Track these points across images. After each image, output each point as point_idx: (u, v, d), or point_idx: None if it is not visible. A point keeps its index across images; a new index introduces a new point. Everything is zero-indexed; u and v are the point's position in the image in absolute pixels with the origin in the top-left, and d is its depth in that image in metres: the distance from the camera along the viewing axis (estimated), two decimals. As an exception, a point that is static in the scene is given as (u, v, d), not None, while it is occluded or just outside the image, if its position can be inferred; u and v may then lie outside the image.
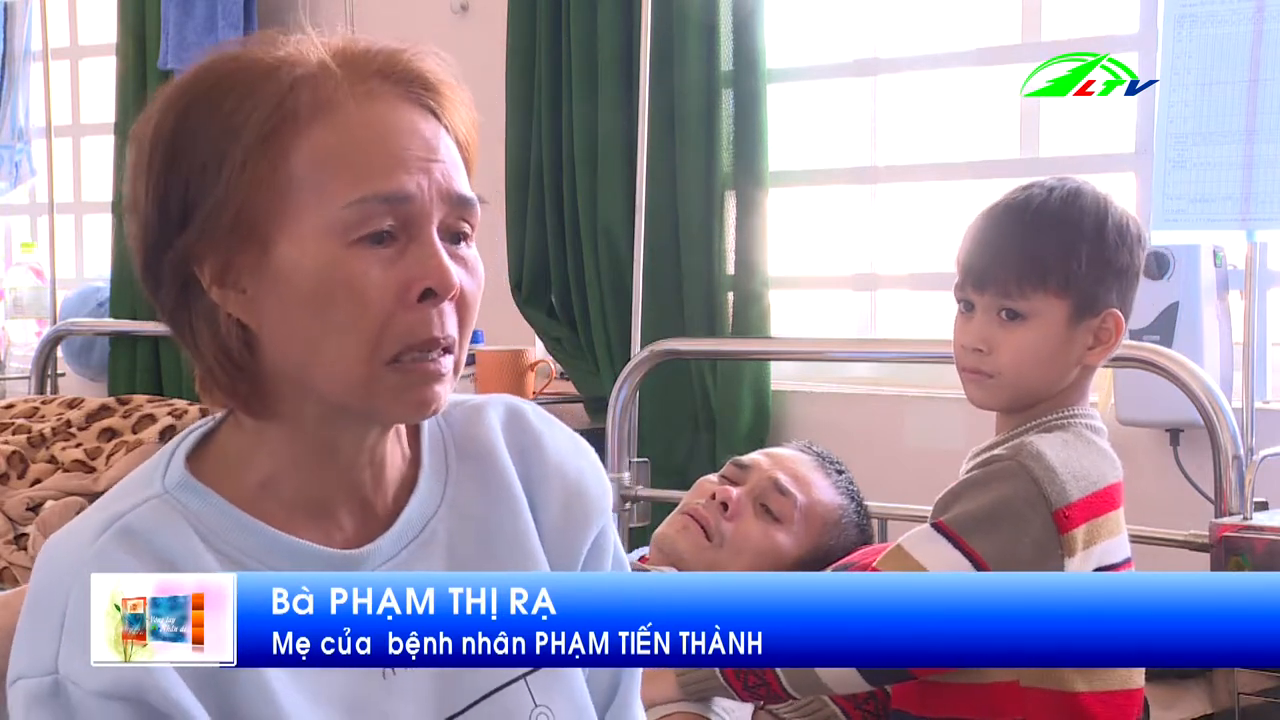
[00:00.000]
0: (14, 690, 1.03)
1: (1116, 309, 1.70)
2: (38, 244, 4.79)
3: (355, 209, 1.03)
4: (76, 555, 1.03)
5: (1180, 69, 2.52)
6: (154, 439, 3.08)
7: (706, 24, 3.30)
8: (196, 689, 1.01)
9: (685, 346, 3.04)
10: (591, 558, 1.20)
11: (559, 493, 1.18)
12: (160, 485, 1.07)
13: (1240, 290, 2.69)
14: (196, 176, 1.04)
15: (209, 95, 1.05)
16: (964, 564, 1.63)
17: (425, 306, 1.04)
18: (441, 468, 1.15)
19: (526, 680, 1.13)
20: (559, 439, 1.21)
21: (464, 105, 1.10)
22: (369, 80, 1.06)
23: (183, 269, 1.06)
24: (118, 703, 0.99)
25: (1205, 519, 2.22)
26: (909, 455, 3.06)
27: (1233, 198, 2.48)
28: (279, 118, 1.03)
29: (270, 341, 1.06)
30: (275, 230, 1.04)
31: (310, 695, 1.06)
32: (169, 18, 4.10)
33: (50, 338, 4.02)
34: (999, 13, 3.26)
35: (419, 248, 1.04)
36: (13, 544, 2.87)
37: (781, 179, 3.41)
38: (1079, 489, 1.65)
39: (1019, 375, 1.69)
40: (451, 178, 1.06)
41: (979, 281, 1.71)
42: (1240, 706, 2.12)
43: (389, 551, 1.11)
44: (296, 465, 1.09)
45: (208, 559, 1.05)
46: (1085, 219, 1.69)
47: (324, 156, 1.03)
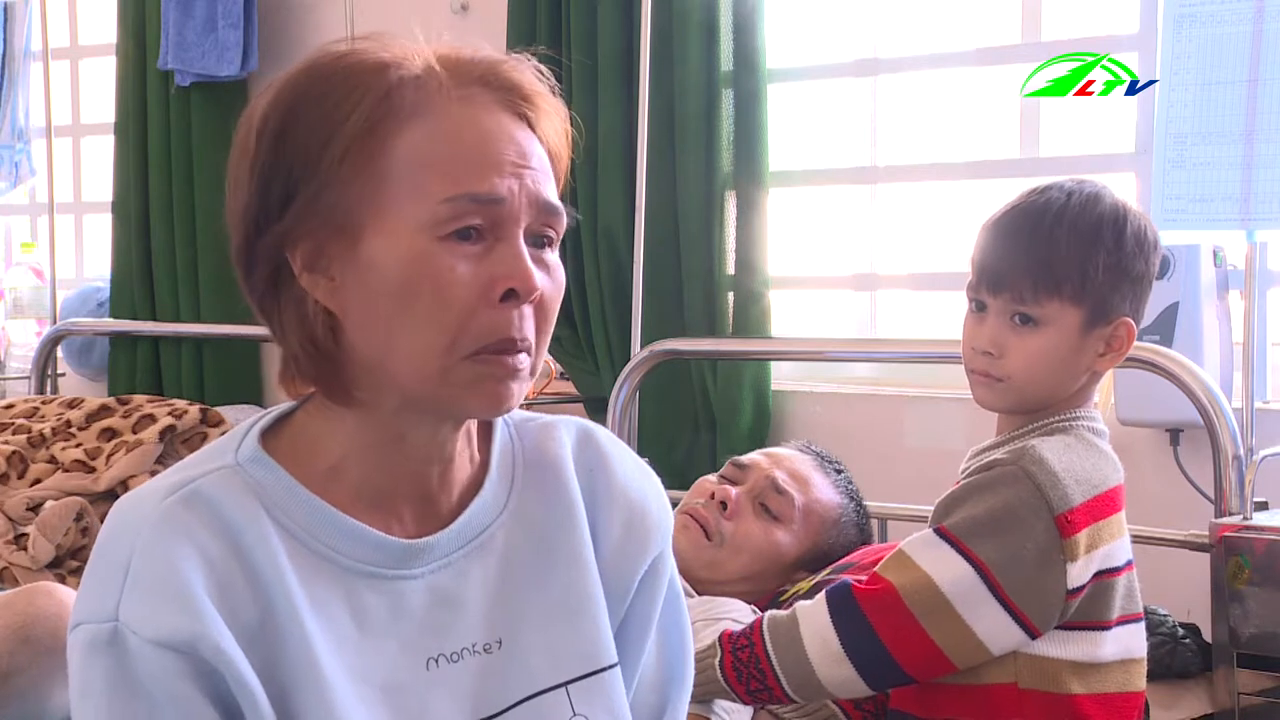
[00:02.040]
0: (74, 636, 1.06)
1: (1129, 317, 1.69)
2: (38, 244, 4.79)
3: (449, 206, 1.06)
4: (143, 512, 1.07)
5: (1180, 69, 2.52)
6: (154, 439, 3.08)
7: (707, 24, 3.30)
8: (245, 647, 1.04)
9: (685, 346, 3.04)
10: (646, 582, 1.23)
11: (621, 514, 1.21)
12: (233, 457, 1.11)
13: (1240, 290, 2.69)
14: (299, 165, 1.07)
15: (316, 88, 1.09)
16: (967, 570, 1.63)
17: (507, 307, 1.07)
18: (508, 476, 1.18)
19: (567, 688, 1.16)
20: (626, 462, 1.24)
21: (557, 117, 1.14)
22: (470, 86, 1.10)
23: (276, 254, 1.09)
24: (172, 653, 1.03)
25: (1205, 519, 2.22)
26: (909, 455, 3.05)
27: (1232, 198, 2.48)
28: (382, 113, 1.07)
29: (354, 329, 1.09)
30: (368, 221, 1.07)
31: (351, 670, 1.08)
32: (169, 18, 4.10)
33: (50, 338, 4.03)
34: (999, 13, 3.26)
35: (505, 248, 1.07)
36: (13, 544, 2.86)
37: (782, 179, 3.41)
38: (1081, 493, 1.64)
39: (1028, 381, 1.69)
40: (541, 185, 1.10)
41: (994, 284, 1.70)
42: (1240, 706, 2.12)
43: (446, 549, 1.13)
44: (366, 453, 1.12)
45: (269, 531, 1.08)
46: (1104, 227, 1.68)
47: (422, 154, 1.07)
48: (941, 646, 1.63)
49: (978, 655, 1.64)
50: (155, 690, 1.03)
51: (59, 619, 1.89)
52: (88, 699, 1.05)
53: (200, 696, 1.03)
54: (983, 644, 1.63)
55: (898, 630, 1.64)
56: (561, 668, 1.16)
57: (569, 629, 1.17)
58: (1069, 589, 1.63)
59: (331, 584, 1.09)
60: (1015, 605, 1.62)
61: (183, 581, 1.03)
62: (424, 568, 1.12)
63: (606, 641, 1.18)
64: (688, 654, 1.29)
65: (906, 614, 1.64)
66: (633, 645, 1.23)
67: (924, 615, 1.63)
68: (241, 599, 1.05)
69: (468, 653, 1.13)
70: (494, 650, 1.14)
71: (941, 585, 1.63)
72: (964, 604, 1.62)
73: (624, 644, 1.22)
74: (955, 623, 1.63)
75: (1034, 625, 1.63)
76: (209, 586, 1.04)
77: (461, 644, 1.13)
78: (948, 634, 1.63)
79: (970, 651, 1.64)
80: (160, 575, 1.04)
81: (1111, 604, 1.68)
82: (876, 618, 1.65)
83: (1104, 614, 1.68)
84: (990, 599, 1.62)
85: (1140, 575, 1.68)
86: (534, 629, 1.16)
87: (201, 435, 3.17)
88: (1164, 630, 2.28)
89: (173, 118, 4.18)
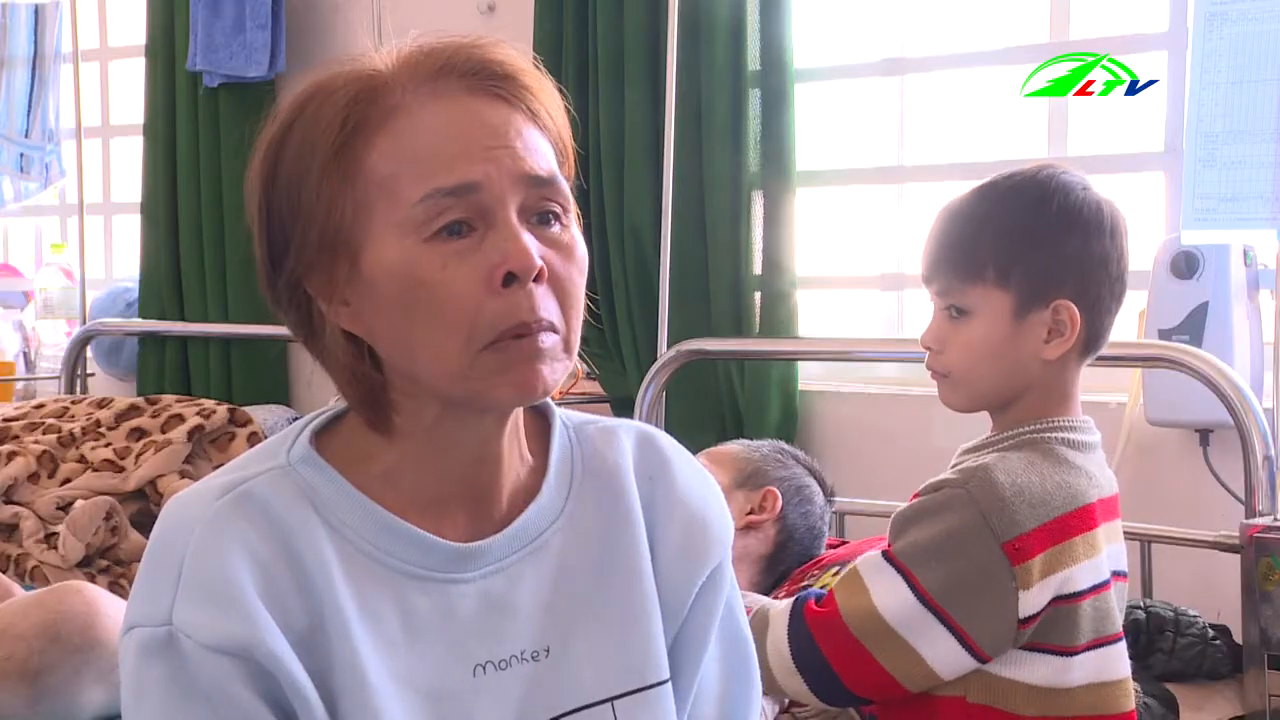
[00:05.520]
0: (127, 639, 1.06)
1: (1069, 300, 1.61)
2: (67, 245, 4.82)
3: (424, 206, 1.04)
4: (194, 513, 1.07)
5: (1210, 67, 2.50)
6: (182, 439, 3.09)
7: (734, 23, 3.30)
8: (296, 649, 1.04)
9: (712, 346, 3.04)
10: (705, 592, 1.20)
11: (681, 522, 1.19)
12: (285, 458, 1.10)
13: (1271, 290, 2.67)
14: (288, 203, 1.08)
15: (291, 126, 1.09)
16: (910, 597, 1.58)
17: (512, 291, 1.04)
18: (566, 481, 1.16)
19: (613, 704, 1.14)
20: (688, 470, 1.22)
21: (543, 91, 1.11)
22: (435, 79, 1.08)
23: (297, 292, 1.09)
24: (227, 658, 1.02)
25: (1236, 520, 2.21)
26: (936, 455, 3.03)
27: (1263, 197, 2.46)
28: (348, 131, 1.06)
29: (381, 346, 1.08)
30: (360, 239, 1.06)
31: (396, 676, 1.07)
32: (197, 19, 4.12)
33: (80, 338, 4.05)
34: (1027, 12, 3.25)
35: (496, 233, 1.05)
36: (43, 543, 2.88)
37: (809, 179, 3.41)
38: (1035, 518, 1.57)
39: (969, 373, 1.64)
40: (525, 160, 1.07)
41: (926, 277, 1.67)
42: (1271, 709, 2.11)
43: (501, 553, 1.12)
44: (416, 462, 1.11)
45: (320, 532, 1.07)
46: (1023, 203, 1.61)
47: (392, 160, 1.06)
48: (890, 671, 1.59)
49: (928, 680, 1.60)
50: (211, 694, 1.02)
51: (89, 618, 1.90)
52: (143, 702, 1.04)
53: (256, 700, 1.03)
54: (932, 670, 1.59)
55: (844, 654, 1.61)
56: (609, 682, 1.14)
57: (620, 641, 1.15)
58: (1021, 617, 1.56)
59: (381, 586, 1.08)
60: (963, 631, 1.57)
61: (236, 585, 1.03)
62: (476, 572, 1.11)
63: (658, 656, 1.16)
64: (751, 668, 1.26)
65: (852, 639, 1.60)
66: (689, 659, 1.20)
67: (869, 641, 1.59)
68: (292, 602, 1.05)
69: (516, 660, 1.11)
70: (542, 658, 1.12)
71: (885, 613, 1.59)
72: (910, 631, 1.58)
73: (679, 658, 1.19)
74: (902, 648, 1.58)
75: (983, 651, 1.58)
76: (261, 589, 1.04)
77: (510, 651, 1.11)
78: (895, 659, 1.59)
79: (919, 677, 1.59)
80: (213, 578, 1.03)
81: (1075, 630, 1.61)
82: (823, 641, 1.62)
83: (1067, 639, 1.60)
84: (937, 625, 1.57)
85: (1170, 576, 1.66)
86: (584, 639, 1.14)
87: (230, 435, 3.18)
88: (1194, 631, 2.27)
89: (201, 119, 4.20)
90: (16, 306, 4.78)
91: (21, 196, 4.83)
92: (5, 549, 2.91)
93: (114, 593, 2.16)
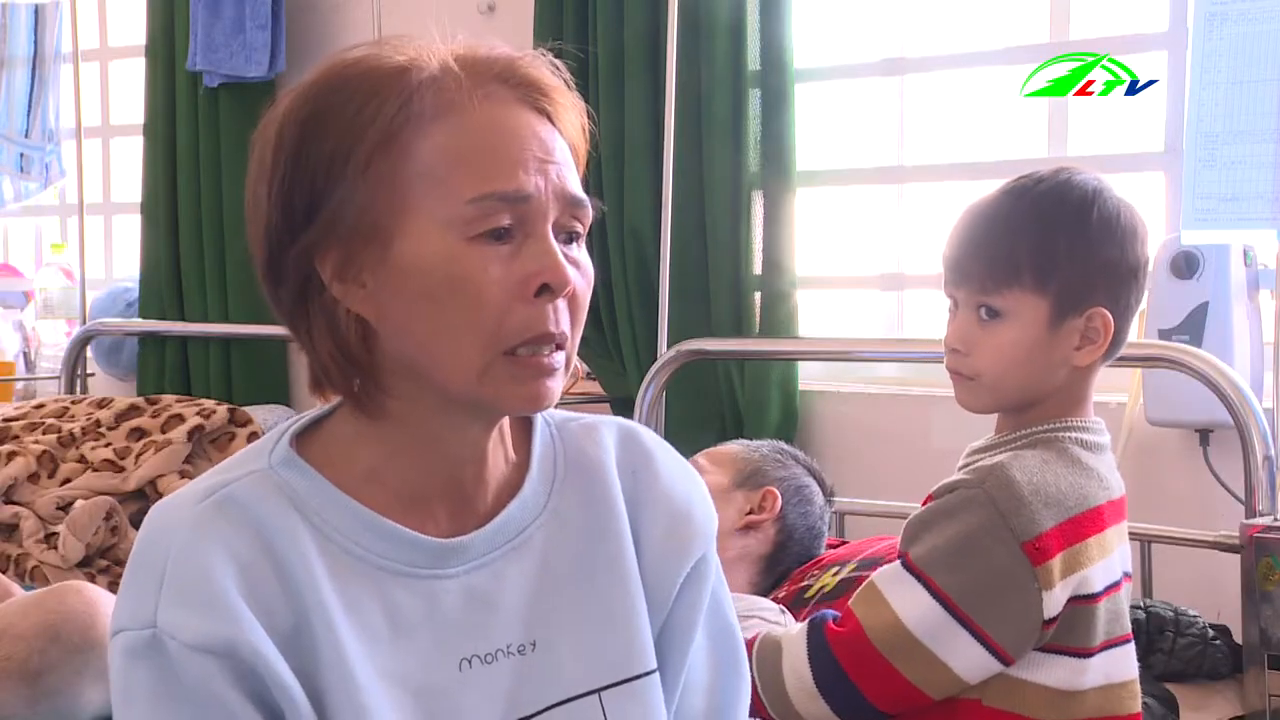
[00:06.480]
0: (114, 643, 1.07)
1: (1104, 307, 1.60)
2: (67, 244, 4.82)
3: (476, 206, 1.06)
4: (177, 517, 1.08)
5: (1210, 67, 2.50)
6: (182, 439, 3.09)
7: (734, 23, 3.30)
8: (281, 648, 1.05)
9: (712, 346, 3.04)
10: (690, 583, 1.21)
11: (664, 515, 1.20)
12: (266, 461, 1.11)
13: (1271, 289, 2.67)
14: (321, 176, 1.07)
15: (335, 97, 1.08)
16: (933, 605, 1.57)
17: (541, 302, 1.07)
18: (549, 477, 1.18)
19: (600, 695, 1.15)
20: (670, 464, 1.23)
21: (575, 110, 1.14)
22: (489, 84, 1.09)
23: (305, 266, 1.09)
24: (212, 658, 1.03)
25: (1236, 520, 2.21)
26: (936, 455, 3.03)
27: (1263, 197, 2.46)
28: (404, 117, 1.07)
29: (388, 335, 1.09)
30: (397, 226, 1.07)
31: (383, 673, 1.08)
32: (197, 19, 4.12)
33: (80, 338, 4.05)
34: (1027, 12, 3.25)
35: (535, 244, 1.07)
36: (43, 543, 2.88)
37: (809, 178, 3.41)
38: (1052, 516, 1.56)
39: (999, 377, 1.62)
40: (565, 179, 1.10)
41: (957, 278, 1.65)
42: (1271, 709, 2.11)
43: (484, 548, 1.13)
44: (400, 456, 1.12)
45: (303, 532, 1.08)
46: (1065, 211, 1.59)
47: (446, 155, 1.07)
48: (915, 682, 1.58)
49: (955, 686, 1.59)
50: (198, 694, 1.03)
51: (89, 618, 1.90)
52: (131, 705, 1.05)
53: (242, 699, 1.04)
54: (958, 677, 1.58)
55: (870, 672, 1.59)
56: (595, 673, 1.15)
57: (605, 634, 1.16)
58: (1046, 618, 1.56)
59: (365, 584, 1.09)
60: (987, 635, 1.56)
61: (219, 586, 1.04)
62: (460, 568, 1.12)
63: (644, 648, 1.17)
64: (740, 658, 1.27)
65: (876, 655, 1.59)
66: (675, 651, 1.21)
67: (893, 655, 1.58)
68: (276, 602, 1.05)
69: (501, 654, 1.12)
70: (528, 652, 1.13)
71: (908, 623, 1.57)
72: (934, 640, 1.57)
73: (666, 649, 1.20)
74: (927, 659, 1.57)
75: (1007, 654, 1.57)
76: (244, 590, 1.04)
77: (496, 645, 1.12)
78: (920, 670, 1.58)
79: (945, 684, 1.58)
80: (195, 580, 1.04)
81: (1092, 630, 1.60)
82: (848, 661, 1.60)
83: (1085, 640, 1.60)
84: (961, 631, 1.56)
85: (1170, 576, 1.67)
86: (569, 632, 1.15)
87: (229, 435, 3.18)
88: (1194, 631, 2.27)
89: (201, 119, 4.20)
90: (16, 306, 4.78)
91: (21, 196, 4.83)
92: (5, 549, 2.91)
93: (114, 593, 2.16)
